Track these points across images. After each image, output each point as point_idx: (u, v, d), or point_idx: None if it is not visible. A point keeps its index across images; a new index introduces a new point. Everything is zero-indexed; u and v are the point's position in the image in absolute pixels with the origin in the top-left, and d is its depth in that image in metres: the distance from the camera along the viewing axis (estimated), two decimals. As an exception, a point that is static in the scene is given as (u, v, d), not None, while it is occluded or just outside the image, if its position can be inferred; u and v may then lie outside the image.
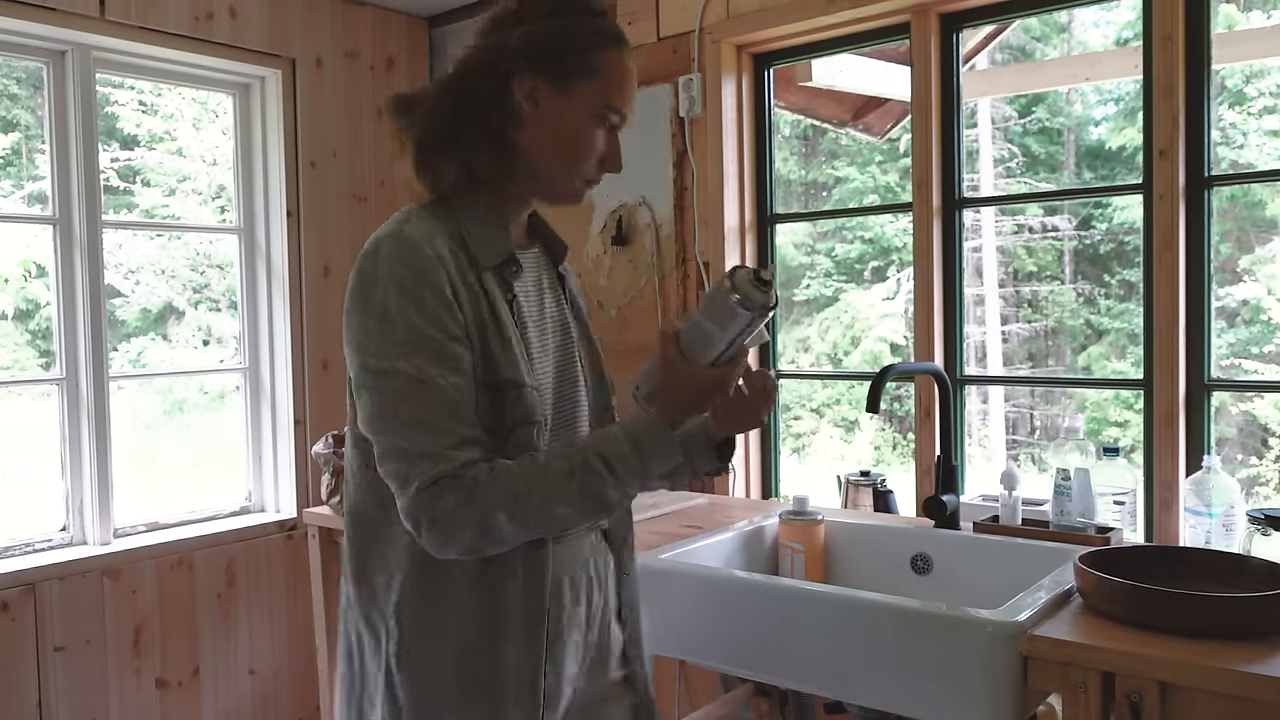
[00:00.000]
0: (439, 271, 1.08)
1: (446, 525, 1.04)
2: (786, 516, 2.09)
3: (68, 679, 2.50)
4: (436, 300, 1.07)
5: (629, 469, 1.09)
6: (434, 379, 1.05)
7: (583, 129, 1.17)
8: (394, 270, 1.08)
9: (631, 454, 1.10)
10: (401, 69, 3.23)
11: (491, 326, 1.12)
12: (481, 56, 1.17)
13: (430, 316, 1.07)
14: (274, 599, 2.94)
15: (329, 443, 2.47)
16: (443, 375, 1.06)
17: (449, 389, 1.06)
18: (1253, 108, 7.66)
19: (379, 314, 1.08)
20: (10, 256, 3.52)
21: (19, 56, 2.55)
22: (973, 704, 1.41)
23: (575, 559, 1.23)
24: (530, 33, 1.15)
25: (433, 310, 1.07)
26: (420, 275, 1.07)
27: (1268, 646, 1.30)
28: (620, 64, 1.17)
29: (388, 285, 1.07)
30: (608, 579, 1.29)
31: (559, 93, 1.15)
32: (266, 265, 3.00)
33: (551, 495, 1.07)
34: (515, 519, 1.05)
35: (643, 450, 1.10)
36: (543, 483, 1.07)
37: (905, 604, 1.51)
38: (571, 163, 1.18)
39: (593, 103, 1.16)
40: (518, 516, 1.06)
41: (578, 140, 1.17)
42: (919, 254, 2.39)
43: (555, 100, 1.15)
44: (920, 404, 2.39)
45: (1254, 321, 7.57)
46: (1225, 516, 1.76)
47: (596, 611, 1.26)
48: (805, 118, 4.68)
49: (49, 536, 2.59)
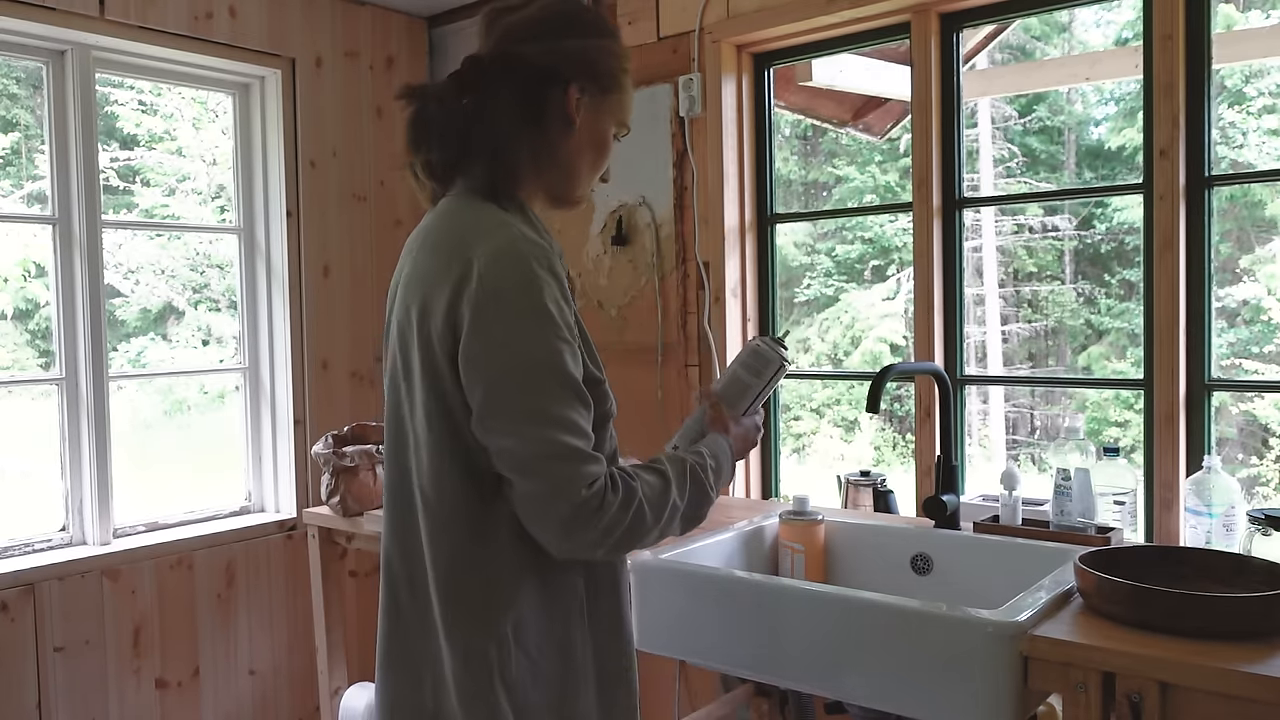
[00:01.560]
0: (560, 276, 1.13)
1: (609, 523, 1.08)
2: (786, 516, 2.09)
3: (67, 679, 2.50)
4: (565, 301, 1.13)
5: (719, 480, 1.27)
6: (576, 380, 1.09)
7: (606, 140, 1.28)
8: (533, 272, 1.09)
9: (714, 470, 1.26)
10: (401, 69, 3.23)
11: (578, 326, 1.17)
12: (539, 60, 1.19)
13: (566, 319, 1.11)
14: (274, 599, 2.94)
15: (329, 443, 2.47)
16: (579, 382, 1.10)
17: (585, 395, 1.11)
18: (1252, 107, 7.67)
19: (527, 315, 1.07)
20: (10, 256, 3.52)
21: (19, 56, 2.55)
22: (973, 704, 1.41)
23: None
24: (584, 47, 1.23)
25: (565, 312, 1.11)
26: (554, 276, 1.11)
27: (1268, 646, 1.30)
28: (630, 81, 1.30)
29: (532, 288, 1.08)
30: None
31: (597, 103, 1.24)
32: (266, 265, 3.00)
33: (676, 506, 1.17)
34: (658, 524, 1.15)
35: (720, 465, 1.28)
36: (669, 493, 1.17)
37: (905, 604, 1.51)
38: (595, 169, 1.29)
39: (615, 115, 1.27)
40: (659, 522, 1.15)
41: (604, 148, 1.28)
42: (919, 254, 2.39)
43: (593, 111, 1.24)
44: (920, 404, 2.38)
45: (1254, 321, 7.58)
46: (1225, 516, 1.76)
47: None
48: (805, 117, 4.68)
49: (48, 536, 2.59)
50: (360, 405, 3.12)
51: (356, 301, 3.09)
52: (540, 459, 1.05)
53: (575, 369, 1.09)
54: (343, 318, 3.07)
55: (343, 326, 3.07)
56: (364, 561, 3.13)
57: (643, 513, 1.11)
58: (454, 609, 1.14)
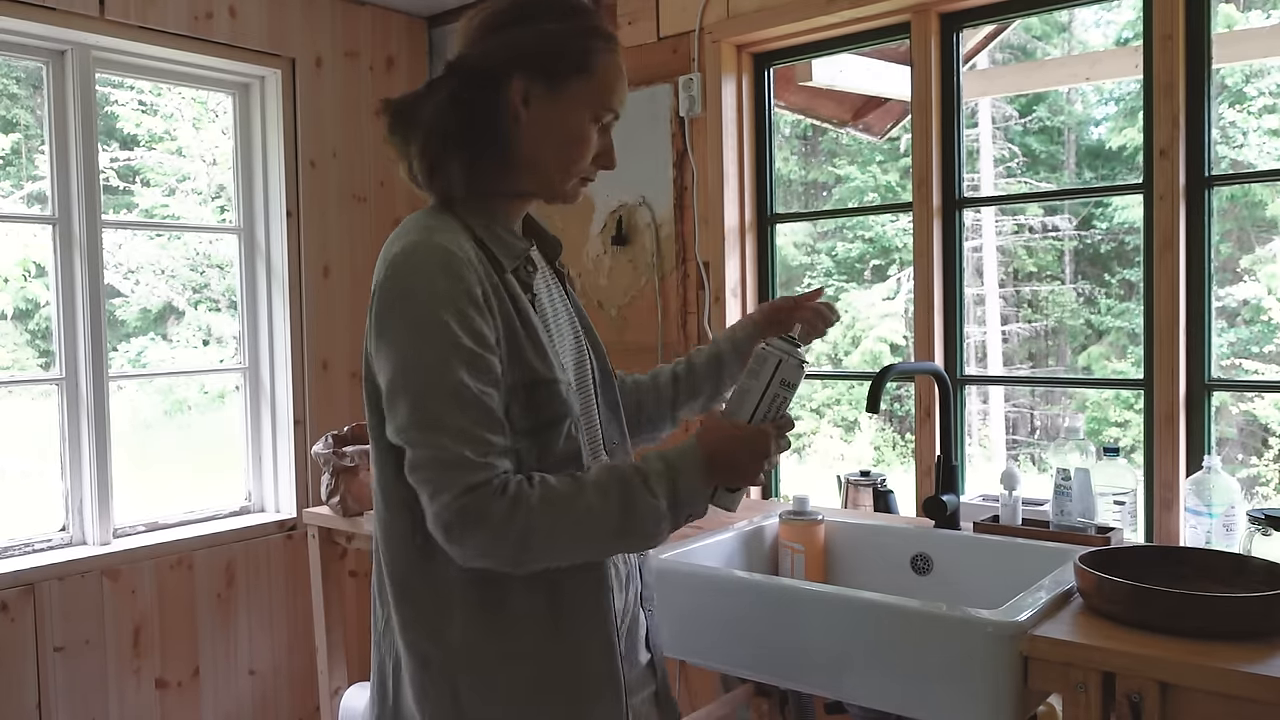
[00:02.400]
0: (473, 277, 1.09)
1: (489, 533, 1.03)
2: (787, 516, 2.09)
3: (67, 679, 2.50)
4: (473, 308, 1.07)
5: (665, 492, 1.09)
6: (470, 387, 1.05)
7: (578, 128, 1.18)
8: (431, 277, 1.07)
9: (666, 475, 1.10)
10: (401, 69, 3.23)
11: (519, 326, 1.13)
12: (478, 61, 1.18)
13: (468, 325, 1.07)
14: (274, 599, 2.94)
15: (329, 443, 2.47)
16: (478, 384, 1.06)
17: (483, 398, 1.06)
18: (1252, 107, 7.67)
19: (418, 322, 1.07)
20: (10, 256, 3.52)
21: (19, 56, 2.55)
22: (973, 704, 1.41)
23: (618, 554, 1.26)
24: (525, 35, 1.16)
25: (470, 318, 1.07)
26: (458, 283, 1.07)
27: (1268, 646, 1.30)
28: (613, 63, 1.19)
29: (425, 293, 1.07)
30: (636, 566, 1.31)
31: (555, 93, 1.16)
32: (266, 265, 3.00)
33: (592, 514, 1.07)
34: (554, 533, 1.05)
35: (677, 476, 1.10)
36: (587, 502, 1.06)
37: (905, 604, 1.51)
38: (568, 162, 1.19)
39: (587, 102, 1.17)
40: (558, 530, 1.05)
41: (574, 139, 1.18)
42: (919, 254, 2.39)
43: (551, 101, 1.16)
44: (920, 404, 2.38)
45: (1254, 321, 7.57)
46: (1225, 516, 1.76)
47: (633, 599, 1.29)
48: (805, 117, 4.68)
49: (48, 536, 2.59)
50: (360, 405, 3.10)
51: (356, 301, 3.09)
52: (424, 465, 1.05)
53: (472, 375, 1.05)
54: (343, 318, 3.07)
55: (343, 327, 3.07)
56: (364, 561, 3.13)
57: (533, 519, 1.04)
58: (406, 612, 1.15)
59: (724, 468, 1.13)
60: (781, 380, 1.19)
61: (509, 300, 1.13)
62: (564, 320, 1.27)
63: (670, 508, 1.09)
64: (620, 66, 1.21)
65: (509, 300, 1.13)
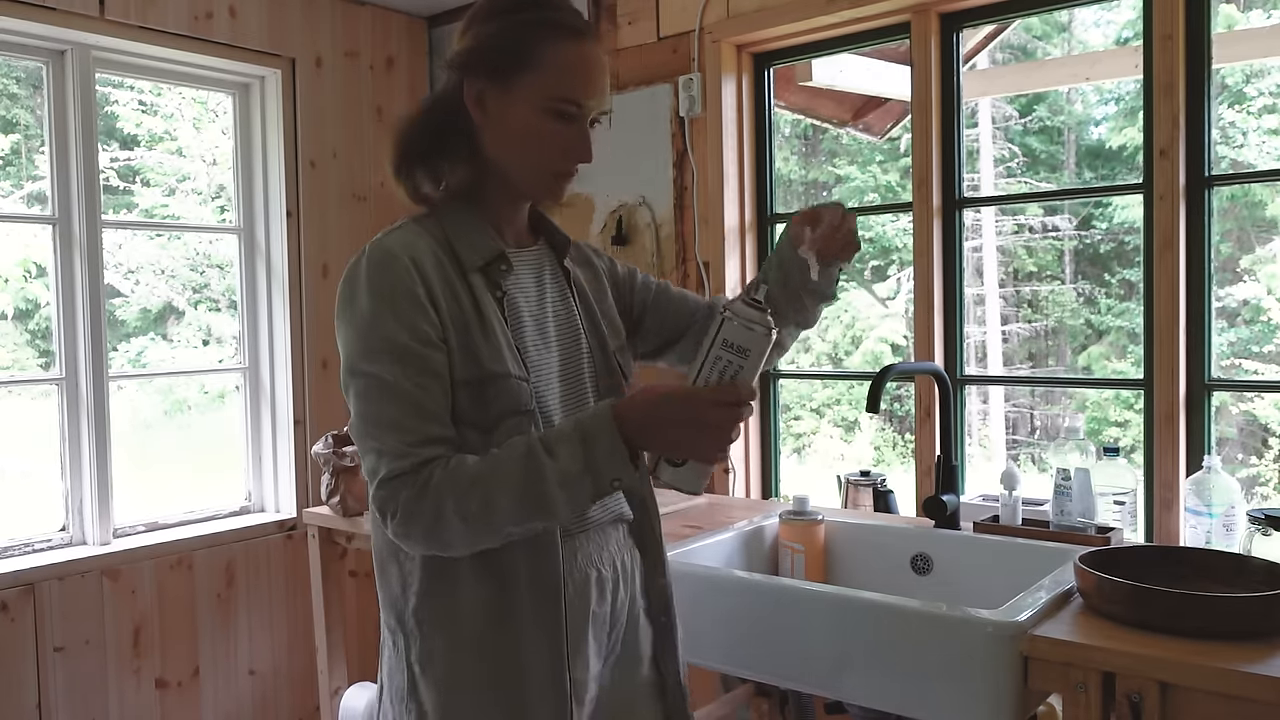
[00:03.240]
0: (411, 277, 1.11)
1: (404, 517, 1.06)
2: (786, 516, 2.09)
3: (67, 679, 2.50)
4: (410, 305, 1.10)
5: (571, 454, 1.05)
6: (401, 381, 1.09)
7: (533, 124, 1.15)
8: (370, 278, 1.12)
9: (574, 436, 1.06)
10: (401, 69, 3.23)
11: (475, 323, 1.14)
12: (446, 68, 1.22)
13: (404, 322, 1.10)
14: (274, 599, 2.94)
15: (329, 443, 2.47)
16: (410, 377, 1.09)
17: (415, 390, 1.09)
18: (1252, 107, 7.66)
19: (357, 321, 1.12)
20: (10, 256, 3.52)
21: (19, 56, 2.55)
22: (973, 704, 1.41)
23: (598, 553, 1.23)
24: (473, 35, 1.18)
25: (406, 315, 1.10)
26: (394, 282, 1.11)
27: (1268, 646, 1.30)
28: (567, 53, 1.15)
29: (365, 293, 1.12)
30: (634, 575, 1.28)
31: (506, 92, 1.15)
32: (266, 265, 3.00)
33: (496, 483, 1.05)
34: (461, 509, 1.05)
35: (586, 436, 1.05)
36: (490, 472, 1.06)
37: (905, 604, 1.51)
38: (531, 159, 1.18)
39: (539, 96, 1.14)
40: (464, 507, 1.05)
41: (530, 136, 1.16)
42: (919, 254, 2.39)
43: (504, 100, 1.16)
44: (920, 404, 2.38)
45: (1254, 321, 7.57)
46: (1225, 516, 1.76)
47: (622, 609, 1.26)
48: (805, 117, 4.68)
49: (48, 536, 2.59)
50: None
51: (356, 301, 3.08)
52: (364, 456, 1.11)
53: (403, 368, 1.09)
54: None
55: (343, 326, 3.06)
56: (364, 561, 3.13)
57: (440, 498, 1.05)
58: (382, 593, 1.21)
59: (652, 434, 1.06)
60: (725, 342, 1.06)
61: (465, 298, 1.15)
62: (555, 318, 1.26)
63: (584, 470, 1.04)
64: (583, 54, 1.16)
65: (465, 298, 1.15)
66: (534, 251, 1.28)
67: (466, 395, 1.12)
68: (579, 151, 1.18)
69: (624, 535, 1.28)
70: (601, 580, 1.22)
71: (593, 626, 1.21)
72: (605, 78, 1.19)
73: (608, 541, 1.25)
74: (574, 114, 1.16)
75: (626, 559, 1.27)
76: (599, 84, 1.17)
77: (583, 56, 1.16)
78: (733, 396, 1.05)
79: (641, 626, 1.28)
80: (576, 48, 1.15)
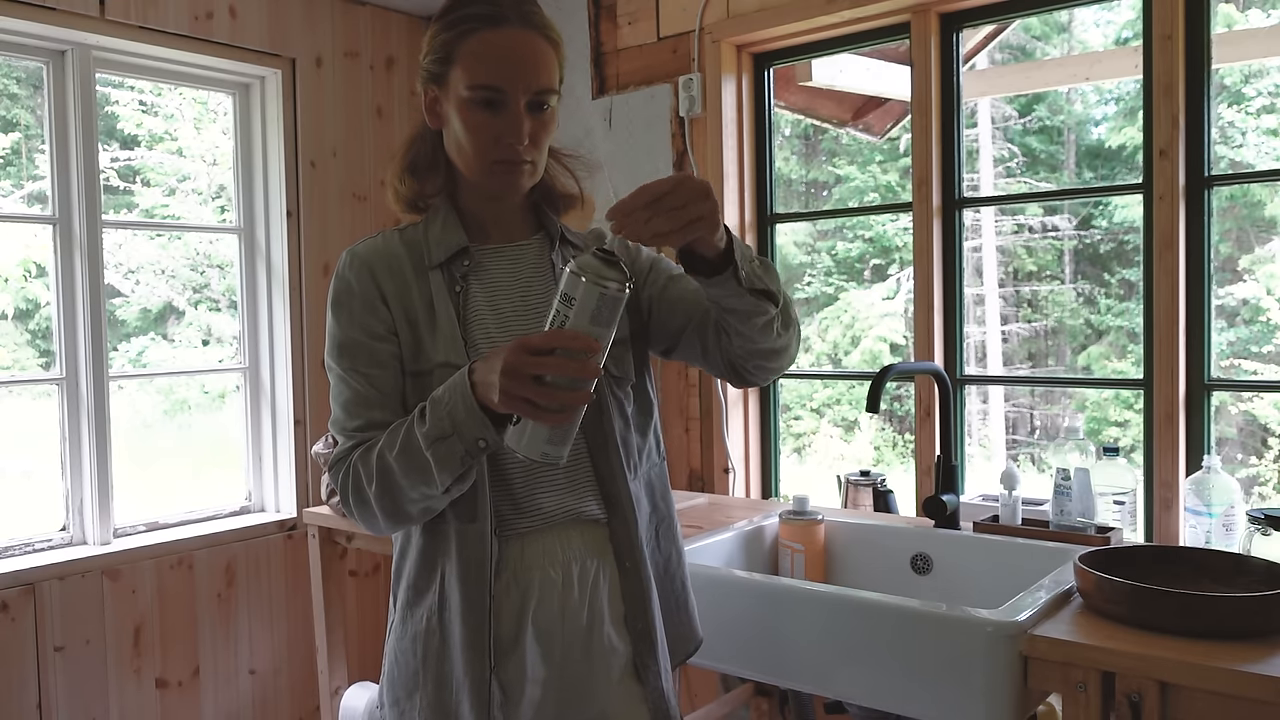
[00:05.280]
0: (364, 279, 1.22)
1: (341, 497, 1.19)
2: (786, 516, 2.09)
3: (67, 679, 2.50)
4: (361, 306, 1.21)
5: (436, 417, 1.07)
6: (350, 374, 1.20)
7: (465, 118, 1.18)
8: (333, 285, 1.25)
9: (441, 398, 1.09)
10: (401, 69, 3.23)
11: (423, 318, 1.21)
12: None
13: (356, 321, 1.21)
14: (274, 599, 2.94)
15: (329, 442, 2.47)
16: (360, 369, 1.20)
17: (362, 380, 1.19)
18: (1252, 107, 7.67)
19: (328, 324, 1.24)
20: (10, 256, 3.52)
21: (19, 56, 2.54)
22: (973, 704, 1.42)
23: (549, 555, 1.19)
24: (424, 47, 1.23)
25: (358, 315, 1.21)
26: (347, 286, 1.22)
27: (1268, 646, 1.30)
28: (483, 41, 1.15)
29: (329, 299, 1.25)
30: (600, 581, 1.21)
31: (444, 93, 1.21)
32: (266, 265, 3.00)
33: (386, 451, 1.13)
34: (371, 482, 1.14)
35: (450, 398, 1.07)
36: (385, 443, 1.14)
37: (905, 604, 1.51)
38: (469, 154, 1.20)
39: (463, 88, 1.16)
40: (371, 479, 1.13)
41: (466, 131, 1.18)
42: (919, 253, 2.39)
43: (445, 103, 1.21)
44: (920, 404, 2.39)
45: (1254, 321, 7.57)
46: (1225, 516, 1.76)
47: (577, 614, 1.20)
48: (805, 117, 4.68)
49: (49, 536, 2.59)
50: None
51: (356, 301, 3.08)
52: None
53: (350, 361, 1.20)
54: (343, 318, 3.06)
55: (343, 326, 3.06)
56: (364, 561, 3.14)
57: (352, 475, 1.17)
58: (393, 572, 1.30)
59: (488, 389, 1.02)
60: (561, 294, 0.99)
61: (421, 294, 1.21)
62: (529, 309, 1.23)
63: (449, 432, 1.06)
64: (499, 40, 1.15)
65: (421, 294, 1.21)
66: (523, 246, 1.30)
67: (413, 385, 1.20)
68: (511, 134, 1.16)
69: (592, 538, 1.21)
70: (547, 582, 1.18)
71: (533, 629, 1.18)
72: (536, 59, 1.16)
73: (567, 543, 1.20)
74: (499, 100, 1.15)
75: (591, 563, 1.20)
76: (521, 66, 1.15)
77: (499, 42, 1.15)
78: (541, 342, 0.98)
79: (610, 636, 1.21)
80: (493, 35, 1.15)
